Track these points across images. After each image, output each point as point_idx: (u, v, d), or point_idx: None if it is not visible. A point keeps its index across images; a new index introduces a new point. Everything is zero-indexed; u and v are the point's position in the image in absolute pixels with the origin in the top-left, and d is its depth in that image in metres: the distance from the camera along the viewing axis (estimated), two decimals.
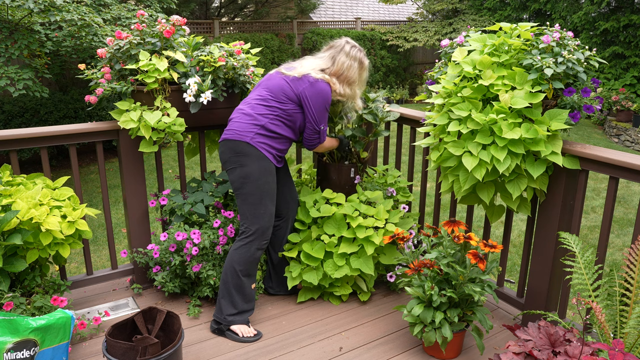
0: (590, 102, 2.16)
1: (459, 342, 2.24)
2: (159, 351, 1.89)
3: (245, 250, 2.37)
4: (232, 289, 2.38)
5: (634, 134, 9.47)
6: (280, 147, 2.41)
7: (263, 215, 2.36)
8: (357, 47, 2.46)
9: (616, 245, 5.13)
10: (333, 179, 2.76)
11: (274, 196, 2.41)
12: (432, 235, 2.38)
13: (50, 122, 7.63)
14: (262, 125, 2.33)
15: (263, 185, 2.34)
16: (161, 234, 2.65)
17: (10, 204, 2.16)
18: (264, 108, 2.34)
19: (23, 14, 5.53)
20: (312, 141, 2.46)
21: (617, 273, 1.96)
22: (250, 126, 2.32)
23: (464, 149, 2.16)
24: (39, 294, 2.23)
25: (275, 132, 2.35)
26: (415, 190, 6.01)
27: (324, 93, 2.36)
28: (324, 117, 2.41)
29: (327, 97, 2.38)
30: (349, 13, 16.33)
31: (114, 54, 2.47)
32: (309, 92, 2.34)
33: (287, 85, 2.35)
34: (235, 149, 2.33)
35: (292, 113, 2.36)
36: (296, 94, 2.34)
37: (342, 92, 2.45)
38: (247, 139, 2.31)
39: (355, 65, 2.44)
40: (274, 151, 2.38)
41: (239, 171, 2.34)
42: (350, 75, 2.43)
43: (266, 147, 2.34)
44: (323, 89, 2.35)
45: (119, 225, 5.62)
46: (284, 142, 2.42)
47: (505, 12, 13.05)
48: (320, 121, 2.40)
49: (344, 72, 2.42)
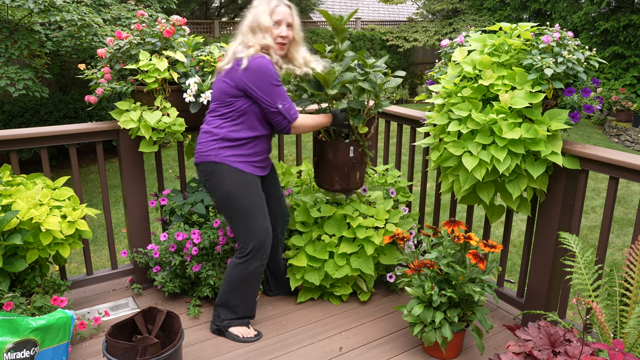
0: (590, 102, 2.16)
1: (459, 342, 2.24)
2: (159, 351, 1.89)
3: (243, 268, 2.27)
4: (232, 300, 2.35)
5: (634, 134, 9.47)
6: (253, 151, 2.22)
7: (256, 231, 2.23)
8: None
9: (616, 245, 5.13)
10: (329, 159, 2.43)
11: (263, 207, 2.26)
12: (432, 235, 2.38)
13: (50, 122, 7.63)
14: (222, 137, 2.16)
15: (247, 201, 2.20)
16: (161, 234, 2.65)
17: (10, 204, 2.16)
18: (217, 119, 2.18)
19: (23, 14, 5.53)
20: (280, 124, 2.15)
21: (617, 273, 1.96)
22: (211, 143, 2.17)
23: (464, 149, 2.16)
24: (39, 294, 2.23)
25: (238, 139, 2.17)
26: (415, 190, 6.01)
27: (261, 69, 2.07)
28: (276, 94, 2.11)
29: (267, 71, 2.08)
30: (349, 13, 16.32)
31: (114, 54, 2.47)
32: (246, 78, 2.08)
33: (224, 84, 2.13)
34: (206, 171, 2.20)
35: (244, 109, 2.14)
36: (236, 87, 2.11)
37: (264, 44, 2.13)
38: (212, 157, 2.17)
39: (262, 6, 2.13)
40: (247, 159, 2.20)
41: (218, 193, 2.21)
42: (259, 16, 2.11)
43: (235, 158, 2.17)
44: (257, 65, 2.07)
45: (119, 225, 5.62)
46: (255, 143, 2.22)
47: (505, 12, 13.05)
48: (275, 99, 2.11)
49: (253, 20, 2.12)
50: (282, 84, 2.15)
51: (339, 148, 2.41)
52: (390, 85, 2.38)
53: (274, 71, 2.10)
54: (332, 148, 2.42)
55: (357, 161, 2.44)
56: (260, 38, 2.12)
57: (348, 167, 2.44)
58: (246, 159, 2.20)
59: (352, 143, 2.42)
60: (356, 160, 2.44)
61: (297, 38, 2.22)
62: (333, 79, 2.26)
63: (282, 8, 2.15)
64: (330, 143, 2.43)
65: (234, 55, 2.13)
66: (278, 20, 2.14)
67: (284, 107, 2.12)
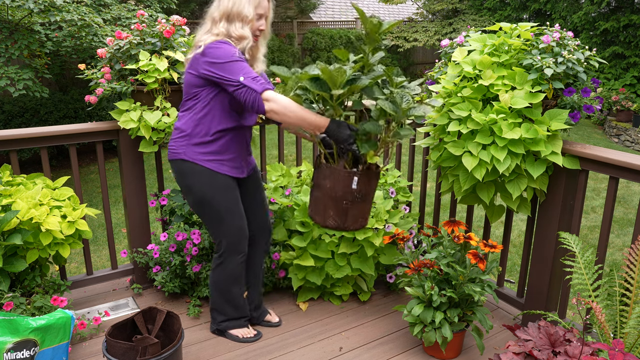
0: (590, 102, 2.16)
1: (459, 342, 2.24)
2: (159, 351, 1.89)
3: (222, 268, 2.23)
4: (221, 302, 2.33)
5: (634, 134, 9.47)
6: (223, 149, 2.09)
7: (230, 230, 2.15)
8: None
9: (616, 245, 5.13)
10: (326, 187, 1.96)
11: (237, 207, 2.15)
12: (432, 235, 2.38)
13: (50, 122, 7.63)
14: (189, 133, 2.05)
15: (219, 202, 2.10)
16: (161, 234, 2.65)
17: (10, 204, 2.16)
18: (185, 113, 2.08)
19: (23, 14, 5.53)
20: (248, 98, 1.88)
21: (617, 273, 1.96)
22: (179, 140, 2.08)
23: (464, 149, 2.16)
24: (39, 294, 2.23)
25: (206, 134, 2.04)
26: (415, 190, 6.01)
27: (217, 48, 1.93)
28: (236, 68, 1.89)
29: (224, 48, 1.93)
30: (349, 13, 16.32)
31: (114, 54, 2.47)
32: (204, 62, 1.94)
33: (189, 75, 2.02)
34: (176, 170, 2.11)
35: (210, 99, 2.01)
36: (199, 75, 1.97)
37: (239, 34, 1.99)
38: (181, 154, 2.07)
39: None
40: (216, 157, 2.07)
41: (190, 196, 2.13)
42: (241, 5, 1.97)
43: (204, 157, 2.06)
44: (214, 45, 1.93)
45: (119, 225, 5.61)
46: (225, 140, 2.08)
47: (505, 12, 13.05)
48: (235, 74, 1.89)
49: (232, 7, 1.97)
50: (244, 60, 1.94)
51: (339, 175, 1.94)
52: (418, 112, 1.89)
53: (232, 48, 1.93)
54: (331, 173, 1.95)
55: (360, 196, 1.95)
56: (236, 28, 1.98)
57: (347, 202, 1.96)
58: (216, 157, 2.07)
59: (357, 172, 1.94)
60: (359, 194, 1.95)
61: (267, 33, 2.11)
62: (342, 79, 1.83)
63: (266, 2, 2.04)
64: (329, 167, 1.96)
65: (197, 44, 2.00)
66: (261, 14, 2.03)
67: (247, 79, 1.88)
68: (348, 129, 1.90)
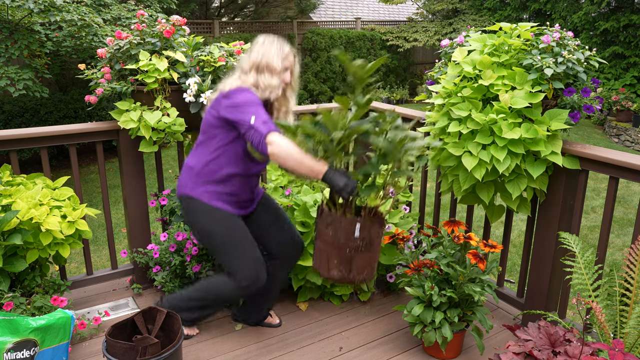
0: (590, 102, 2.16)
1: (459, 342, 2.24)
2: (159, 351, 1.89)
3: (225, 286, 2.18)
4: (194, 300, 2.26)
5: (634, 134, 9.47)
6: (230, 190, 2.14)
7: (242, 262, 2.14)
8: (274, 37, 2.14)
9: (616, 245, 5.13)
10: (328, 236, 1.91)
11: (246, 238, 2.16)
12: (432, 235, 2.37)
13: (50, 122, 7.63)
14: (198, 171, 2.12)
15: (227, 237, 2.13)
16: (161, 234, 2.65)
17: (10, 204, 2.16)
18: (198, 151, 2.14)
19: (23, 14, 5.53)
20: (254, 139, 1.94)
21: (617, 273, 1.96)
22: (188, 176, 2.15)
23: (463, 149, 2.16)
24: (39, 294, 2.23)
25: (215, 175, 2.11)
26: (415, 190, 6.01)
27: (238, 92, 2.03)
28: (250, 111, 1.97)
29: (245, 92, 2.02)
30: (349, 13, 16.32)
31: (114, 54, 2.47)
32: (225, 103, 2.03)
33: (209, 115, 2.11)
34: (184, 206, 2.17)
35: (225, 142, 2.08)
36: (218, 116, 2.06)
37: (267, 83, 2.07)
38: (187, 190, 2.13)
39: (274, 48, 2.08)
40: (222, 196, 2.12)
41: (197, 232, 2.18)
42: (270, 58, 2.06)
43: (209, 195, 2.11)
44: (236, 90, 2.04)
45: (119, 225, 5.61)
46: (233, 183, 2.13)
47: (505, 12, 13.05)
48: (248, 116, 1.96)
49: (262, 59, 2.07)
50: (261, 105, 2.02)
51: (340, 222, 1.88)
52: (413, 147, 1.85)
53: (254, 96, 2.02)
54: (333, 221, 1.90)
55: (365, 245, 1.90)
56: (265, 78, 2.07)
57: (351, 250, 1.89)
58: (221, 196, 2.13)
59: (360, 219, 1.88)
60: (363, 242, 1.89)
61: (294, 84, 2.20)
62: (343, 123, 1.80)
63: (292, 57, 2.15)
64: (331, 214, 1.91)
65: (223, 88, 2.10)
66: (287, 67, 2.12)
67: (257, 121, 1.95)
68: (345, 177, 1.86)
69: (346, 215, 1.89)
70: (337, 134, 1.80)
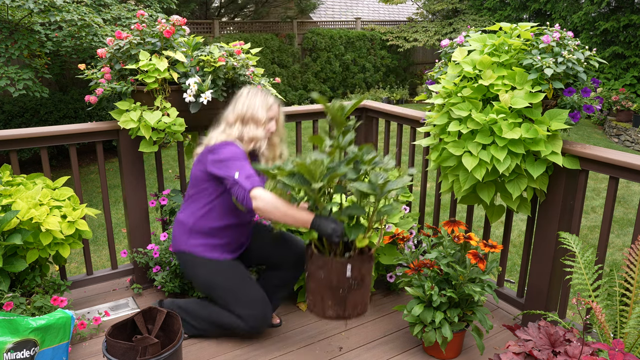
0: (590, 102, 2.16)
1: (459, 342, 2.24)
2: (159, 351, 1.89)
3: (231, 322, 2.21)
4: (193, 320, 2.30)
5: (634, 134, 9.47)
6: (224, 241, 2.21)
7: (246, 305, 2.19)
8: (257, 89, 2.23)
9: (616, 245, 5.13)
10: (321, 278, 1.91)
11: (246, 281, 2.21)
12: (432, 235, 2.37)
13: (50, 122, 7.63)
14: (190, 226, 2.18)
15: (227, 283, 2.18)
16: (161, 234, 2.65)
17: (10, 204, 2.16)
18: (189, 206, 2.21)
19: (23, 14, 5.53)
20: (238, 194, 1.98)
21: (617, 273, 1.96)
22: (182, 233, 2.21)
23: (464, 149, 2.16)
24: (39, 294, 2.23)
25: (207, 228, 2.17)
26: (415, 190, 6.01)
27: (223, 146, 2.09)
28: (235, 165, 2.02)
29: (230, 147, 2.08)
30: (349, 13, 16.32)
31: (114, 54, 2.47)
32: (211, 158, 2.09)
33: (196, 170, 2.17)
34: (181, 262, 2.25)
35: (215, 195, 2.15)
36: (205, 170, 2.12)
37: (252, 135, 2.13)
38: (182, 246, 2.20)
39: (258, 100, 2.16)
40: (216, 247, 2.19)
41: (196, 282, 2.24)
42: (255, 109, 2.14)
43: (204, 248, 2.18)
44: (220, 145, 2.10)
45: (119, 225, 5.61)
46: (226, 234, 2.20)
47: (505, 12, 13.05)
48: (232, 171, 2.01)
49: (246, 111, 2.14)
50: (245, 159, 2.06)
51: (332, 265, 1.89)
52: (394, 186, 1.81)
53: (238, 150, 2.08)
54: (324, 264, 1.90)
55: (357, 283, 1.91)
56: (251, 129, 2.13)
57: (345, 290, 1.90)
58: (215, 247, 2.19)
59: (350, 260, 1.89)
60: (355, 281, 1.90)
61: (282, 133, 2.29)
62: (319, 171, 1.78)
63: (276, 107, 2.22)
64: (322, 257, 1.91)
65: (209, 142, 2.15)
66: (272, 117, 2.19)
67: (240, 176, 1.98)
68: (332, 222, 1.87)
69: (336, 258, 1.90)
70: (317, 185, 1.79)
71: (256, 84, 2.62)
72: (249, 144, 2.14)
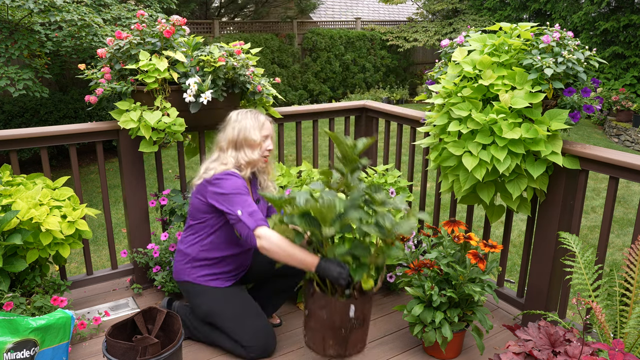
0: (590, 102, 2.16)
1: (459, 342, 2.24)
2: (159, 351, 1.89)
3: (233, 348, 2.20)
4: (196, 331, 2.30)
5: (634, 134, 9.47)
6: (226, 270, 2.21)
7: (249, 333, 2.16)
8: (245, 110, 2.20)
9: (616, 245, 5.13)
10: (323, 318, 1.90)
11: (251, 312, 2.19)
12: (432, 235, 2.37)
13: (50, 122, 7.63)
14: (192, 257, 2.18)
15: (231, 311, 2.17)
16: (162, 234, 2.65)
17: (10, 204, 2.16)
18: (189, 236, 2.20)
19: (23, 14, 5.53)
20: (242, 232, 1.98)
21: (617, 273, 1.96)
22: (184, 263, 2.20)
23: (464, 149, 2.16)
24: (39, 294, 2.23)
25: (209, 259, 2.18)
26: (415, 190, 6.01)
27: (225, 178, 2.05)
28: (237, 201, 2.00)
29: (231, 180, 2.05)
30: (349, 13, 16.32)
31: (114, 54, 2.47)
32: (211, 190, 2.06)
33: (197, 200, 2.14)
34: (184, 291, 2.24)
35: (216, 227, 2.14)
36: (207, 203, 2.10)
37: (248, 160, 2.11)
38: (185, 277, 2.20)
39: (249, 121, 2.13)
40: (219, 276, 2.20)
41: (200, 311, 2.22)
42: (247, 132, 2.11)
43: (207, 277, 2.18)
44: (222, 175, 2.06)
45: (119, 225, 5.61)
46: (227, 262, 2.21)
47: (505, 12, 13.05)
48: (235, 207, 1.99)
49: (238, 135, 2.11)
50: (247, 194, 2.04)
51: (335, 306, 1.87)
52: (403, 229, 1.81)
53: (239, 182, 2.06)
54: (327, 304, 1.88)
55: (358, 323, 1.92)
56: (246, 154, 2.10)
57: (347, 330, 1.89)
58: (218, 276, 2.20)
59: (353, 300, 1.88)
60: (357, 321, 1.91)
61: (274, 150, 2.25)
62: (332, 215, 1.76)
63: (269, 124, 2.18)
64: (324, 297, 1.90)
65: (206, 172, 2.11)
66: (266, 135, 2.16)
67: (244, 213, 1.96)
68: (338, 266, 1.87)
69: (339, 298, 1.89)
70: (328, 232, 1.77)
71: (256, 84, 2.63)
72: (247, 168, 2.13)
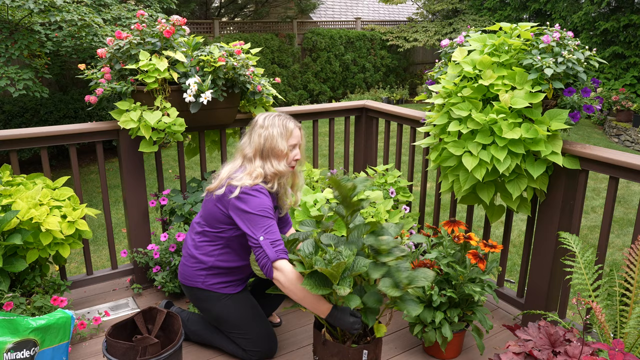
0: (590, 102, 2.16)
1: (459, 342, 2.24)
2: (159, 351, 1.89)
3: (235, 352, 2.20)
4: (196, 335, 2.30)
5: (634, 134, 9.47)
6: (240, 277, 2.20)
7: (255, 338, 2.16)
8: (272, 114, 2.07)
9: (616, 245, 5.13)
10: None
11: (257, 317, 2.18)
12: (432, 235, 2.37)
13: (50, 122, 7.63)
14: (209, 266, 2.11)
15: (238, 315, 2.16)
16: (162, 234, 2.65)
17: (10, 204, 2.16)
18: (205, 244, 2.11)
19: (23, 14, 5.53)
20: (261, 259, 1.89)
21: (617, 273, 1.96)
22: (198, 271, 2.13)
23: (464, 149, 2.16)
24: (39, 294, 2.23)
25: (225, 268, 2.13)
26: (415, 190, 6.01)
27: (251, 196, 1.94)
28: (260, 225, 1.90)
29: (257, 199, 1.94)
30: (349, 13, 16.32)
31: (114, 54, 2.47)
32: (235, 204, 1.95)
33: (216, 209, 2.03)
34: (192, 295, 2.19)
35: (233, 238, 2.07)
36: (228, 215, 2.00)
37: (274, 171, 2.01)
38: (198, 284, 2.14)
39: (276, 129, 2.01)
40: (232, 283, 2.17)
41: (209, 315, 2.20)
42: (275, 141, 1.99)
43: (221, 285, 2.14)
44: (249, 192, 1.94)
45: (119, 225, 5.61)
46: (242, 270, 2.18)
47: (505, 12, 13.05)
48: (257, 230, 1.90)
49: (264, 144, 1.99)
50: (272, 217, 1.94)
51: (347, 353, 1.87)
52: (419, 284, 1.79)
53: (267, 201, 1.95)
54: (339, 352, 1.88)
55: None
56: (273, 164, 2.00)
57: None
58: (231, 284, 2.17)
59: (365, 346, 1.88)
60: None
61: (303, 159, 2.14)
62: (341, 272, 1.74)
63: (298, 131, 2.06)
64: (337, 346, 1.88)
65: (229, 181, 1.98)
66: (294, 144, 2.05)
67: (265, 240, 1.87)
68: (350, 315, 1.85)
69: (352, 345, 1.89)
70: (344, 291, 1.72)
71: (256, 84, 2.63)
72: (274, 180, 2.03)
